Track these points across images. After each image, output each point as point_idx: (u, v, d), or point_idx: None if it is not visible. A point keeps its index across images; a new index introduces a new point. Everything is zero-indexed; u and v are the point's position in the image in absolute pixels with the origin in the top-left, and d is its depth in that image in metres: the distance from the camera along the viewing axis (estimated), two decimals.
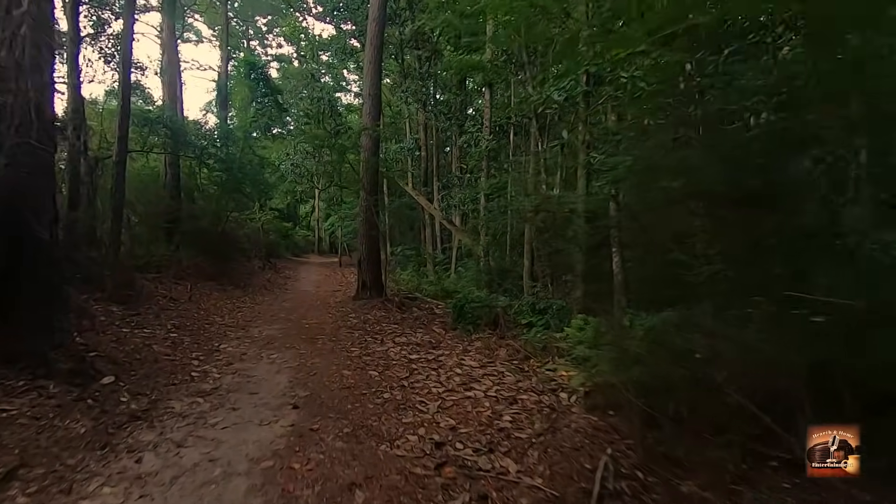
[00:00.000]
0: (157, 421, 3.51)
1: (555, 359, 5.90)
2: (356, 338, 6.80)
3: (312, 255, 31.24)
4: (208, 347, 5.83)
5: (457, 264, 16.89)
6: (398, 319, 8.35)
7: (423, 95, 16.86)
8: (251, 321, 7.92)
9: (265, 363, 5.36)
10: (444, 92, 17.30)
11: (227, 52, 21.32)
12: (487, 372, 5.40)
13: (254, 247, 17.28)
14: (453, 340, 7.07)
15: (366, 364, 5.48)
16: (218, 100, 21.27)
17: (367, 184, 9.25)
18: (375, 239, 9.67)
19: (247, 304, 9.72)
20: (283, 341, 6.45)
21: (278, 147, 26.32)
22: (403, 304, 9.33)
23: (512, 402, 4.37)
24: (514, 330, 7.38)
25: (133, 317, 6.52)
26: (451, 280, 12.96)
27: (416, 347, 6.46)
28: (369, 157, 9.25)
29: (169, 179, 13.17)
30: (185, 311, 7.86)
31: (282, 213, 32.94)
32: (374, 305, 9.24)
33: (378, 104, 9.54)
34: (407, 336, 7.17)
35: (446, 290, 11.31)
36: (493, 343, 6.86)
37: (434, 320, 8.56)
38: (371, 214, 9.22)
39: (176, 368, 4.83)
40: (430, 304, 10.08)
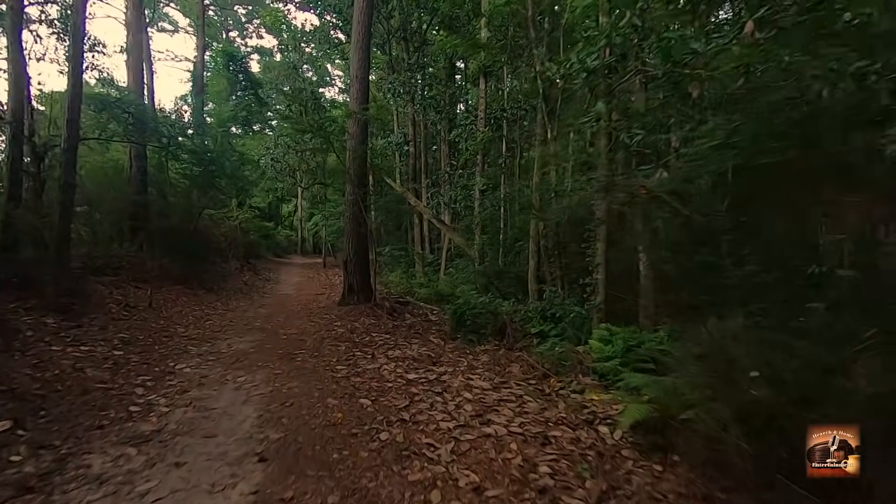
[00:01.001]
0: (58, 492, 2.43)
1: (579, 377, 4.95)
2: (342, 352, 5.75)
3: (295, 255, 29.90)
4: (161, 369, 4.71)
5: (447, 265, 15.94)
6: (390, 328, 7.31)
7: (411, 87, 15.80)
8: (220, 332, 6.79)
9: (230, 389, 4.28)
10: (433, 86, 16.27)
11: (203, 40, 19.93)
12: (503, 396, 4.42)
13: (231, 247, 15.99)
14: (455, 353, 6.07)
15: (355, 388, 4.44)
16: (193, 90, 19.85)
17: (355, 175, 8.19)
18: (364, 237, 8.61)
19: (218, 311, 8.55)
20: (256, 358, 5.36)
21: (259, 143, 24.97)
22: (395, 309, 8.29)
23: (544, 443, 3.40)
24: (524, 340, 6.43)
25: (72, 329, 5.36)
26: (445, 282, 11.96)
27: (414, 363, 5.44)
28: (357, 145, 8.19)
29: (135, 173, 11.85)
30: (142, 320, 6.69)
31: (263, 212, 31.50)
32: (363, 311, 8.18)
33: (366, 88, 8.49)
34: (401, 349, 6.14)
35: (440, 293, 10.33)
36: (502, 357, 5.89)
37: (430, 328, 7.54)
38: (359, 210, 8.17)
39: (110, 401, 3.72)
40: (424, 310, 9.07)
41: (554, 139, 7.07)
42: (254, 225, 24.11)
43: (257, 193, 25.32)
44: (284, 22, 23.96)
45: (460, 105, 18.11)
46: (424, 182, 16.45)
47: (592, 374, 4.99)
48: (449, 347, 6.45)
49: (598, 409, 4.12)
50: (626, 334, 5.34)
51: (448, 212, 17.10)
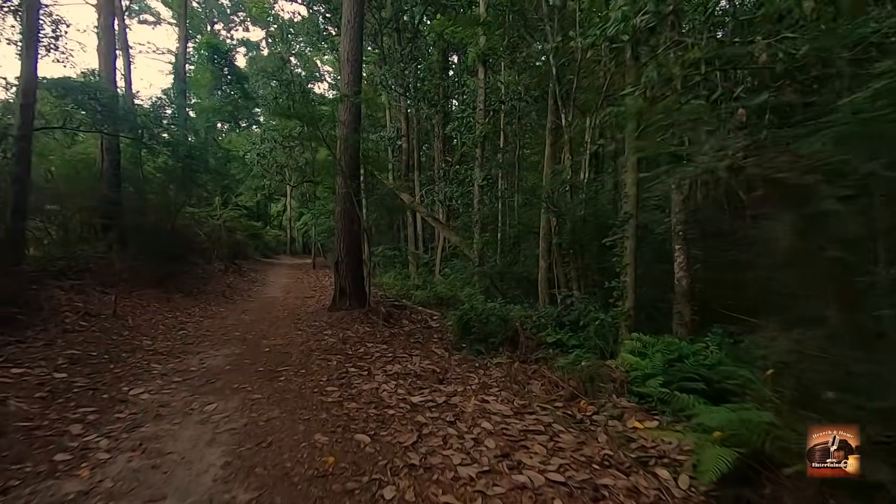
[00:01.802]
0: None
1: (613, 398, 4.18)
2: (334, 368, 4.91)
3: (284, 256, 28.91)
4: (111, 396, 3.83)
5: (442, 265, 15.15)
6: (386, 337, 6.48)
7: (404, 80, 14.96)
8: (193, 343, 5.90)
9: (194, 422, 3.43)
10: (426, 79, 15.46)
11: (184, 30, 18.84)
12: (529, 426, 3.63)
13: (215, 247, 15.00)
14: (463, 368, 5.27)
15: (349, 417, 3.61)
16: (175, 83, 18.76)
17: (347, 167, 7.33)
18: (356, 235, 7.77)
19: (194, 318, 7.63)
20: (231, 378, 4.50)
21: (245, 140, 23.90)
22: (391, 315, 7.46)
23: (595, 497, 2.61)
24: (539, 351, 5.65)
25: (8, 346, 4.45)
26: (441, 283, 11.16)
27: (417, 381, 4.63)
28: (349, 133, 7.34)
29: (107, 167, 10.84)
30: (102, 331, 5.78)
31: (251, 211, 30.40)
32: (356, 318, 7.34)
33: (358, 70, 7.65)
34: (401, 362, 5.33)
35: (439, 295, 9.54)
36: (517, 371, 5.10)
37: (431, 337, 6.73)
38: (351, 205, 7.31)
39: (31, 447, 2.85)
40: (423, 315, 8.25)
41: (568, 125, 6.29)
42: (241, 224, 23.08)
43: (243, 192, 24.26)
44: (271, 15, 22.96)
45: (454, 101, 17.30)
46: (418, 178, 15.63)
47: (628, 395, 4.23)
48: (455, 360, 5.65)
49: (647, 442, 3.36)
50: (662, 346, 4.60)
51: (443, 209, 16.33)
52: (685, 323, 4.92)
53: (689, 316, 4.92)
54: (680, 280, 4.87)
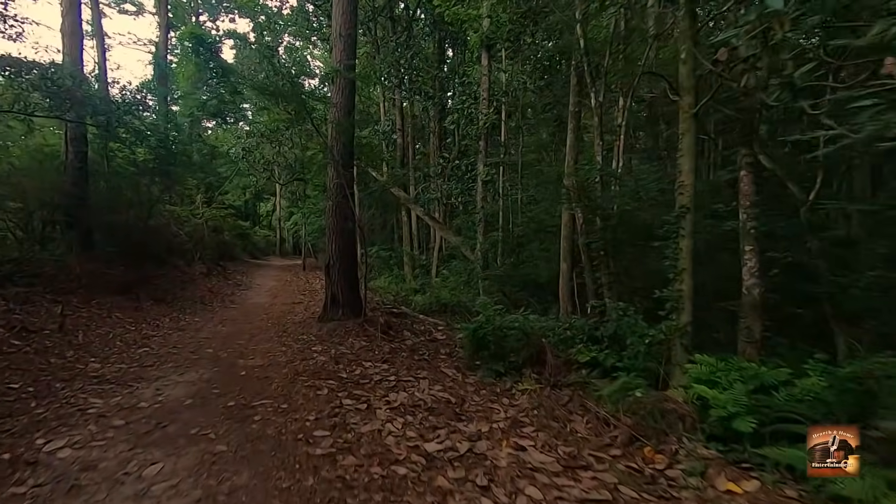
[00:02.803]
0: None
1: (684, 442, 3.22)
2: (324, 400, 3.88)
3: (274, 256, 27.69)
4: (15, 454, 2.76)
5: (439, 266, 14.18)
6: (387, 353, 5.46)
7: (398, 70, 13.92)
8: (153, 365, 4.82)
9: (122, 500, 2.38)
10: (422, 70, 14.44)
11: (165, 17, 17.61)
12: (588, 490, 2.65)
13: (197, 248, 13.82)
14: (483, 395, 4.29)
15: (345, 483, 2.60)
16: (155, 74, 17.48)
17: (339, 154, 6.26)
18: (350, 234, 6.71)
19: (163, 330, 6.54)
20: (190, 418, 3.45)
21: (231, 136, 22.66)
22: (390, 325, 6.44)
23: None
24: (571, 373, 4.68)
25: None
26: (439, 286, 10.16)
27: (430, 418, 3.63)
28: (342, 117, 6.28)
29: (71, 159, 9.67)
30: (38, 352, 4.67)
31: (239, 210, 29.12)
32: (350, 329, 6.30)
33: (353, 46, 6.59)
34: (407, 388, 4.32)
35: (441, 301, 8.53)
36: (550, 400, 4.12)
37: (438, 352, 5.73)
38: (345, 199, 6.26)
39: None
40: (425, 324, 7.25)
41: (599, 106, 5.33)
42: (227, 224, 21.89)
43: (230, 190, 22.99)
44: (259, 5, 21.76)
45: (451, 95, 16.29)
46: (414, 175, 14.61)
47: (703, 438, 3.27)
48: (471, 383, 4.66)
49: None
50: (736, 372, 3.66)
51: (440, 208, 15.35)
52: (754, 341, 3.98)
53: (759, 332, 3.98)
54: (750, 289, 3.93)
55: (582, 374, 4.62)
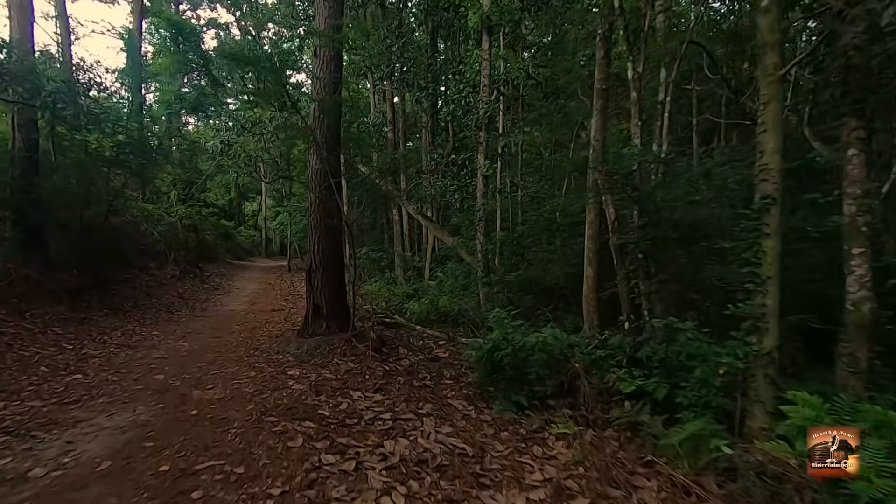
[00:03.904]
0: None
1: None
2: (296, 457, 2.81)
3: (259, 257, 26.31)
4: None
5: (432, 267, 13.15)
6: (380, 379, 4.40)
7: (390, 58, 12.86)
8: (78, 402, 3.69)
9: None
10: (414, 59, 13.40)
11: (140, 3, 16.26)
12: None
13: (170, 249, 12.54)
14: (505, 442, 3.25)
15: None
16: (129, 63, 16.11)
17: (323, 137, 5.13)
18: (336, 234, 5.62)
19: (108, 349, 5.38)
20: (104, 492, 2.36)
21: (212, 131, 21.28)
22: (383, 341, 5.37)
23: None
24: (610, 407, 3.68)
25: None
26: (440, 291, 9.10)
27: (441, 484, 2.59)
28: (326, 94, 5.18)
29: (20, 148, 8.41)
30: None
31: (223, 210, 27.69)
32: (335, 347, 5.21)
33: (340, 5, 5.47)
34: (408, 432, 3.27)
35: (440, 309, 7.48)
36: (596, 451, 3.11)
37: (442, 375, 4.68)
38: (329, 192, 5.14)
39: None
40: (423, 337, 6.21)
41: (638, 78, 4.34)
42: (211, 223, 20.58)
43: (212, 187, 21.61)
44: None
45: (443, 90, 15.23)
46: (406, 172, 13.54)
47: None
48: (487, 420, 3.63)
49: None
50: (845, 412, 2.70)
51: (433, 207, 14.32)
52: (859, 371, 3.02)
53: (866, 360, 3.03)
54: (858, 304, 2.97)
55: (626, 408, 3.63)
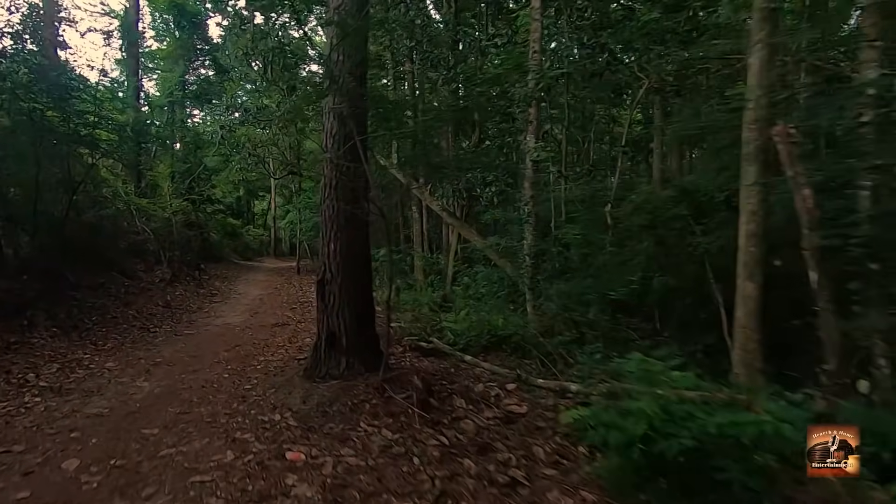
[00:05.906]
0: None
1: None
2: None
3: (267, 257, 24.70)
4: None
5: (455, 273, 11.40)
6: (438, 467, 2.57)
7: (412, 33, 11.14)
8: None
9: None
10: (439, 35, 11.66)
11: None
12: None
13: (164, 248, 10.84)
14: None
15: None
16: (124, 45, 14.50)
17: (343, 79, 3.22)
18: (361, 227, 3.77)
19: (19, 399, 3.60)
20: None
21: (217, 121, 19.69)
22: (431, 389, 3.55)
23: None
24: None
25: None
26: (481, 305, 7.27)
27: None
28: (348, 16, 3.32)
29: None
30: None
31: (231, 208, 26.14)
32: (361, 399, 3.38)
33: None
34: None
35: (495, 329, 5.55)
36: None
37: (536, 460, 2.83)
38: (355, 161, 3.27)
39: None
40: (478, 374, 4.37)
41: None
42: (215, 222, 19.03)
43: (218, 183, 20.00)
44: None
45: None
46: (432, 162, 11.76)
47: None
48: None
49: None
50: None
51: (458, 203, 12.52)
52: None
53: None
54: None
55: None
